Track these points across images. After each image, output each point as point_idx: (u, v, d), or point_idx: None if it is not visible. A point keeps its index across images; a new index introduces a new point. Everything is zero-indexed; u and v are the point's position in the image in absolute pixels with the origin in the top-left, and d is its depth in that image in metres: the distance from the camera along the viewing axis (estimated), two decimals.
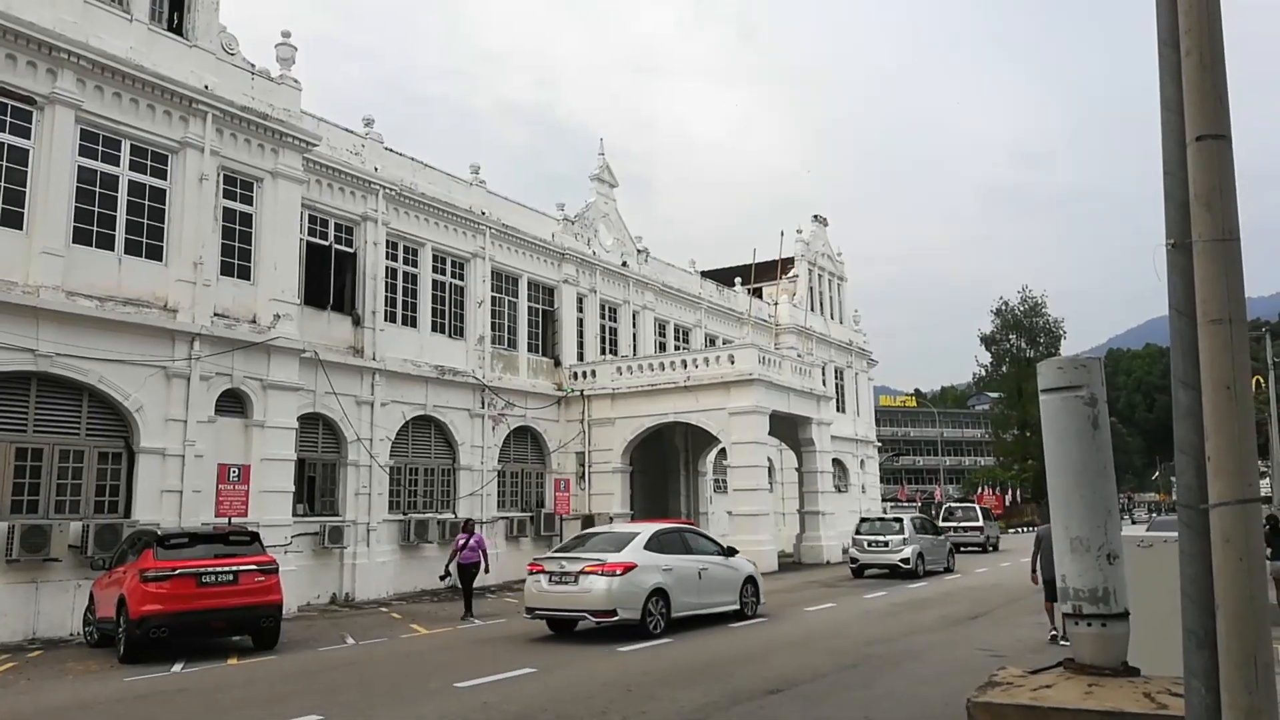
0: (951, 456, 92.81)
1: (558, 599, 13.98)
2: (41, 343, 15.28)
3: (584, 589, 13.66)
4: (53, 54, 15.80)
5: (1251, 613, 2.58)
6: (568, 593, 13.83)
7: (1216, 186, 2.77)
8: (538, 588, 14.25)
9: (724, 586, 15.59)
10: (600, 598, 13.50)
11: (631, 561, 13.83)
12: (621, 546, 14.24)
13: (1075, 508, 4.25)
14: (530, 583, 14.48)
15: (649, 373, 27.83)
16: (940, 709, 8.37)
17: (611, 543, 14.59)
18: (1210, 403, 2.70)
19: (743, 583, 16.01)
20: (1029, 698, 3.85)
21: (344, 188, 22.25)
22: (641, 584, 13.78)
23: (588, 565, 13.83)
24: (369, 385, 22.07)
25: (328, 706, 9.04)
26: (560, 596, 13.93)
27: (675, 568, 14.55)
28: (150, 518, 16.10)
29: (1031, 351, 60.69)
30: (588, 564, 13.86)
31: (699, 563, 15.22)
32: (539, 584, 14.24)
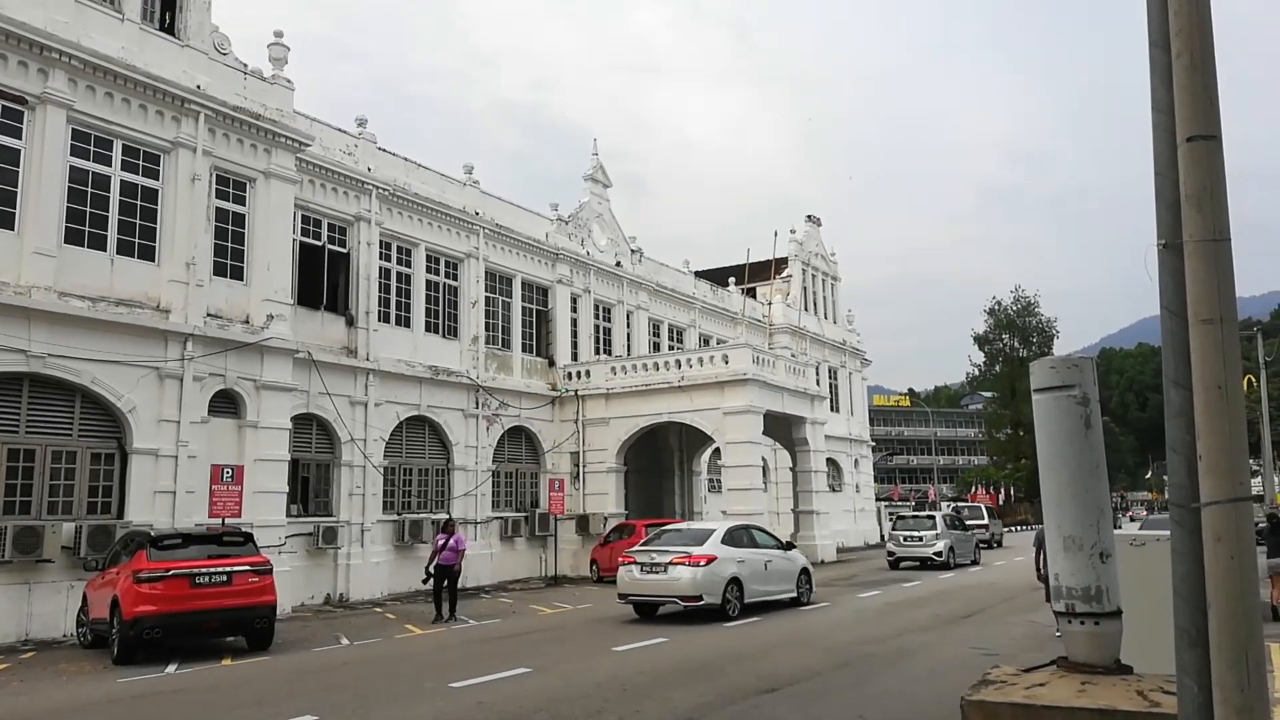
0: (945, 456, 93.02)
1: (649, 586, 15.85)
2: (33, 343, 15.23)
3: (673, 578, 15.58)
4: (44, 54, 15.74)
5: (1243, 611, 2.60)
6: (658, 580, 15.71)
7: (1207, 187, 2.78)
8: (630, 576, 16.11)
9: (785, 576, 17.50)
10: (688, 585, 15.44)
11: (713, 554, 15.77)
12: (702, 541, 16.21)
13: (1068, 507, 4.27)
14: (623, 572, 16.34)
15: (643, 373, 27.83)
16: (934, 707, 8.39)
17: (692, 538, 16.58)
18: (1202, 402, 2.72)
19: (799, 573, 17.87)
20: (1022, 696, 3.87)
21: (337, 188, 22.21)
22: (721, 574, 15.72)
23: (675, 557, 15.73)
24: (363, 386, 22.04)
25: (322, 707, 9.03)
26: (652, 584, 15.80)
27: (746, 559, 16.46)
28: (143, 519, 16.05)
29: (1024, 351, 60.88)
30: (675, 555, 15.75)
31: (764, 555, 17.16)
32: (631, 573, 16.10)
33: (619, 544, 24.48)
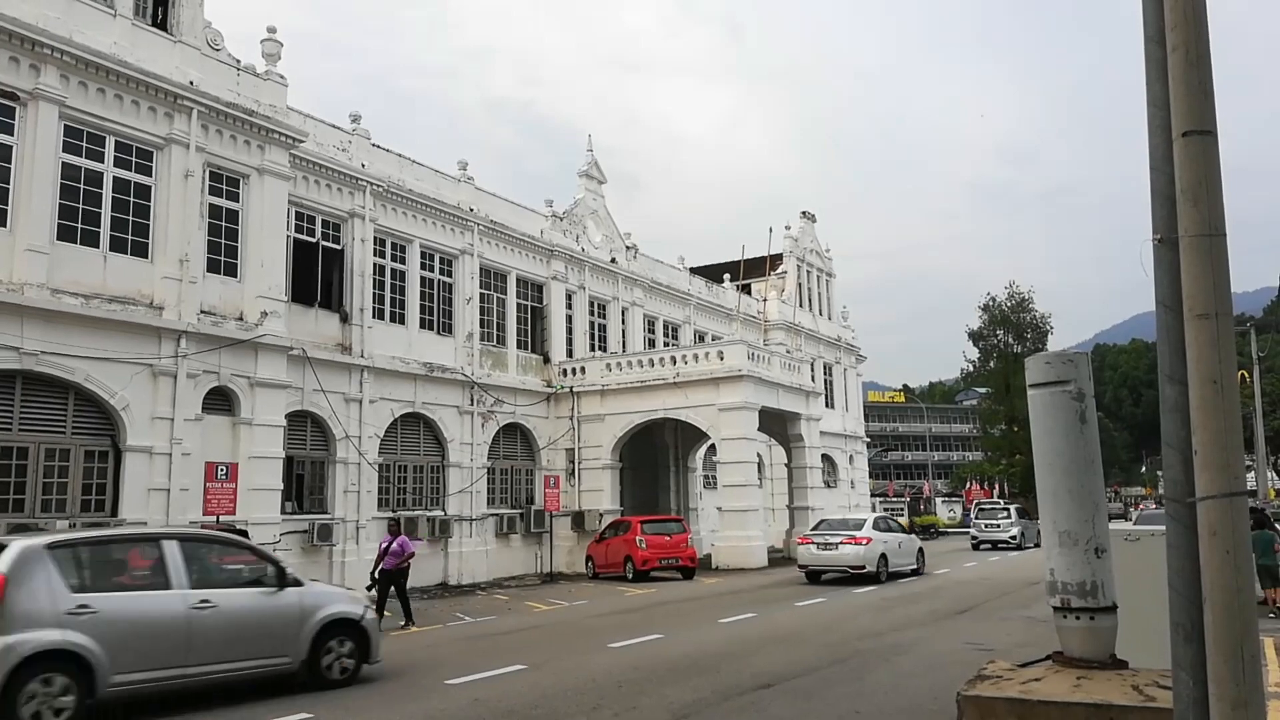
0: (940, 451, 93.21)
1: (825, 559, 21.77)
2: (26, 341, 15.16)
3: (843, 553, 21.51)
4: (36, 49, 15.66)
5: (1238, 605, 2.60)
6: (831, 555, 21.67)
7: (1203, 182, 2.78)
8: (810, 553, 22.01)
9: (909, 553, 23.56)
10: (854, 558, 21.40)
11: (870, 536, 21.77)
12: (860, 528, 22.23)
13: (1063, 502, 4.28)
14: (803, 549, 22.37)
15: (638, 369, 27.83)
16: (930, 702, 8.41)
17: (853, 525, 22.60)
18: (1197, 397, 2.72)
19: (917, 551, 24.11)
20: (1018, 690, 3.87)
21: (331, 184, 22.16)
22: (875, 550, 21.65)
23: (844, 538, 21.62)
24: (357, 382, 22.00)
25: (316, 704, 9.02)
26: (826, 558, 21.73)
27: (888, 540, 22.49)
28: (137, 516, 16.01)
29: (1019, 347, 60.90)
30: (844, 537, 21.65)
31: (898, 538, 23.44)
32: (811, 550, 22.05)
33: (614, 540, 24.50)
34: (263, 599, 9.71)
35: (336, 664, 10.08)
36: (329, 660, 10.02)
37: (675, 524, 25.27)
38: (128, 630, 8.53)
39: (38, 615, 8.09)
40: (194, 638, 8.96)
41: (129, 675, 8.47)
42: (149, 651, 8.64)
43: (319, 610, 10.02)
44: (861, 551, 21.38)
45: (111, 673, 8.31)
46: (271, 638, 9.63)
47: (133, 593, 8.92)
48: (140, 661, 8.57)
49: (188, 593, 9.04)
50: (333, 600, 10.40)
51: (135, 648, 8.55)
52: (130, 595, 8.88)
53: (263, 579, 9.87)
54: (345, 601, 10.55)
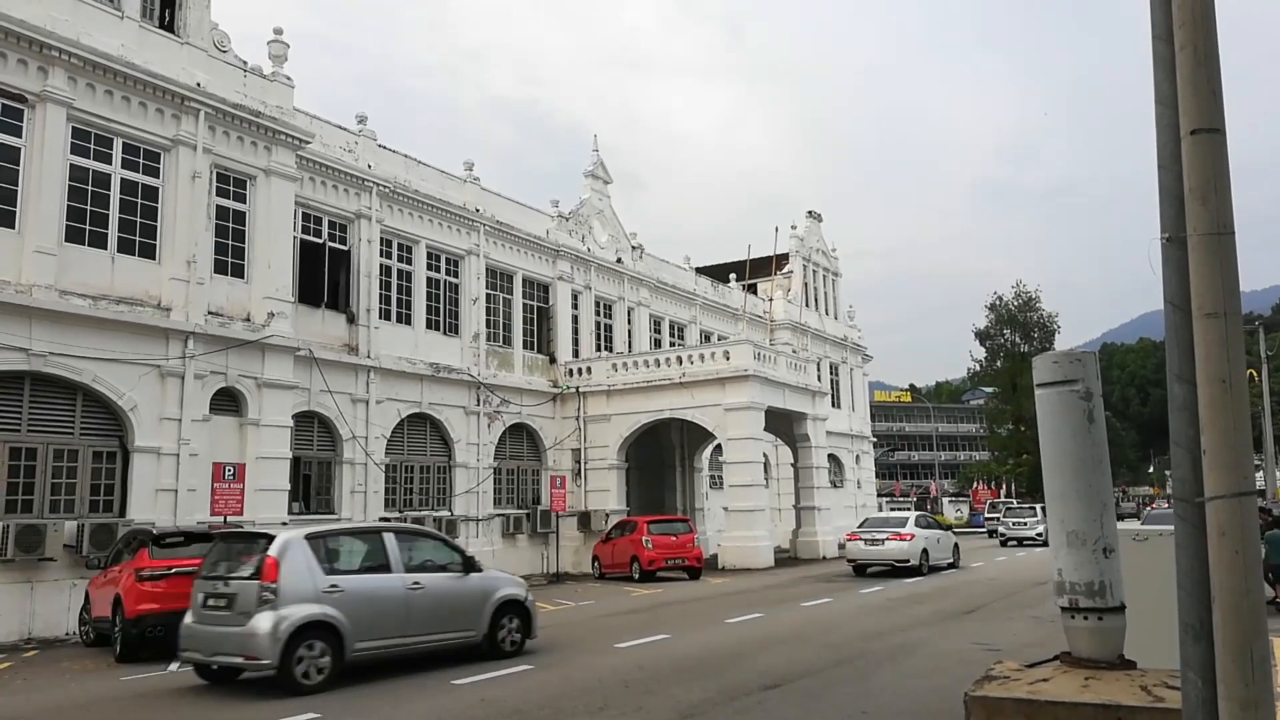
0: (946, 451, 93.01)
1: (871, 554, 23.84)
2: (35, 342, 15.23)
3: (889, 548, 23.59)
4: (44, 52, 15.73)
5: (1247, 605, 2.59)
6: (877, 550, 23.76)
7: (1211, 180, 2.77)
8: (858, 548, 24.05)
9: (947, 548, 25.54)
10: (898, 553, 23.45)
11: (913, 533, 23.90)
12: (903, 525, 24.50)
13: (1071, 502, 4.27)
14: (851, 545, 24.37)
15: (644, 369, 27.83)
16: (937, 703, 8.39)
17: (896, 522, 24.94)
18: (1205, 396, 2.71)
19: (953, 546, 26.08)
20: (1026, 691, 3.86)
21: (338, 185, 22.20)
22: (918, 546, 23.66)
23: (890, 535, 23.81)
24: (364, 383, 22.04)
25: (324, 703, 9.03)
26: (873, 553, 23.81)
27: (928, 536, 24.44)
28: (145, 517, 16.06)
29: (1026, 346, 60.79)
30: (889, 534, 23.84)
31: (937, 534, 25.44)
32: (859, 545, 24.05)
33: (620, 541, 24.51)
34: (455, 582, 11.36)
35: (508, 638, 11.73)
36: (503, 635, 11.66)
37: (681, 524, 25.26)
38: (365, 606, 10.23)
39: (301, 593, 9.77)
40: (410, 613, 10.68)
41: (366, 643, 10.20)
42: (379, 624, 10.36)
43: (495, 592, 11.74)
44: (905, 546, 23.51)
45: (354, 640, 10.04)
46: (463, 614, 11.32)
47: (366, 575, 10.58)
48: (374, 631, 10.28)
49: (404, 576, 10.78)
50: (504, 584, 12.05)
51: (370, 620, 10.24)
52: (365, 577, 10.55)
53: (450, 565, 11.49)
54: (513, 585, 12.17)
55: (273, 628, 9.47)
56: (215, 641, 9.95)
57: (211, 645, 9.99)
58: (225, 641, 9.84)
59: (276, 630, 9.42)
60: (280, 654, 9.38)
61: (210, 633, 9.99)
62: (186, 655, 10.32)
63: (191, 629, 10.17)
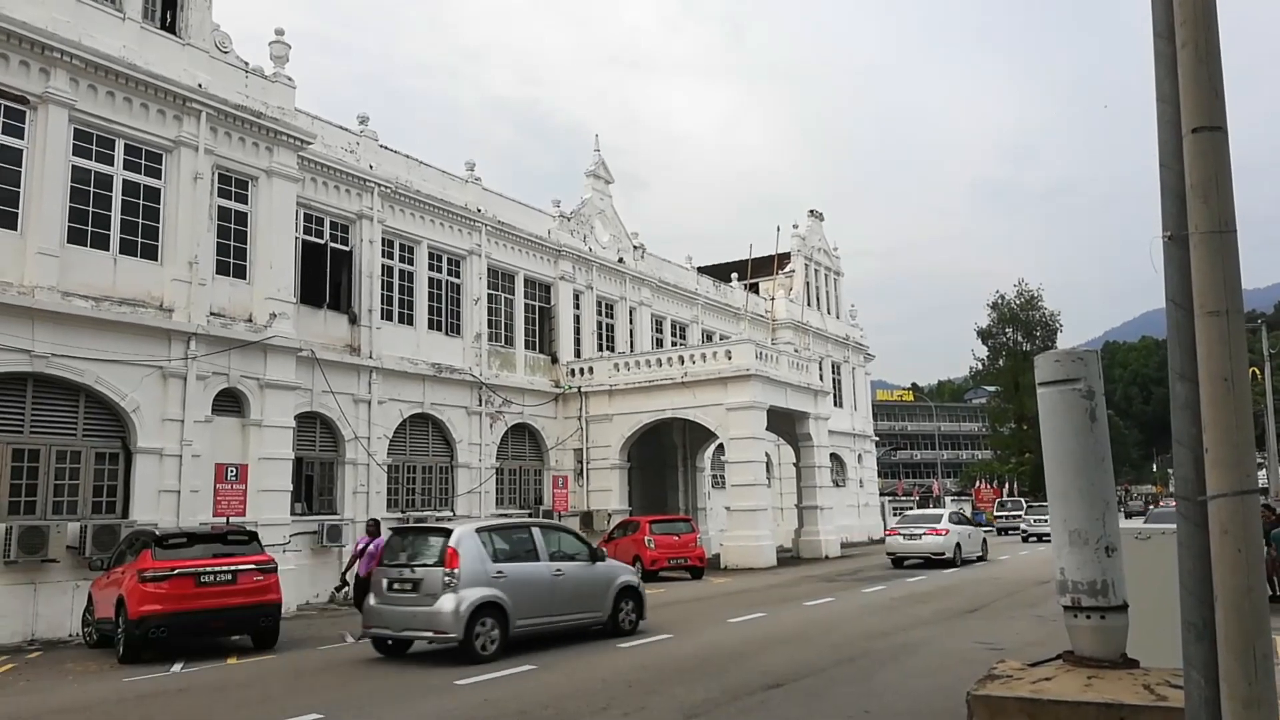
0: (949, 450, 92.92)
1: (909, 548, 26.16)
2: (37, 343, 15.25)
3: (926, 542, 25.94)
4: (45, 53, 15.75)
5: (1250, 604, 2.59)
6: (916, 544, 26.03)
7: (1213, 178, 2.77)
8: (898, 542, 26.50)
9: (978, 543, 28.01)
10: (936, 546, 25.84)
11: (947, 528, 26.27)
12: (939, 521, 26.97)
13: (1073, 501, 4.26)
14: (891, 539, 27.01)
15: (646, 369, 27.82)
16: (940, 702, 8.38)
17: (932, 519, 27.44)
18: (1207, 395, 2.71)
19: (982, 540, 28.82)
20: (1029, 690, 3.86)
21: (339, 186, 22.22)
22: (952, 540, 26.00)
23: (926, 530, 26.17)
24: (366, 383, 22.05)
25: (327, 705, 9.05)
26: (911, 546, 26.12)
27: (961, 531, 26.96)
28: (148, 518, 16.08)
29: (1028, 345, 60.68)
30: (926, 529, 26.22)
31: (967, 529, 27.72)
32: (898, 540, 26.49)
33: (623, 541, 24.49)
34: (585, 570, 13.04)
35: (626, 619, 13.40)
36: (621, 616, 13.35)
37: (684, 524, 25.26)
38: (522, 589, 11.91)
39: (476, 578, 11.45)
40: (554, 596, 12.42)
41: (524, 620, 11.88)
42: (533, 604, 12.06)
43: (616, 579, 13.41)
44: (941, 540, 25.85)
45: (516, 618, 11.71)
46: (592, 598, 13.03)
47: (522, 563, 12.21)
48: (529, 611, 11.98)
49: (549, 564, 12.51)
50: (622, 572, 13.78)
51: (526, 602, 11.93)
52: (521, 565, 12.17)
53: (579, 555, 13.21)
54: (628, 574, 14.00)
55: (456, 607, 11.12)
56: (404, 619, 11.57)
57: (400, 622, 11.62)
58: (414, 619, 11.45)
59: (459, 609, 11.10)
60: (464, 629, 11.07)
61: (398, 612, 11.62)
62: (372, 631, 12.00)
63: (378, 609, 11.86)
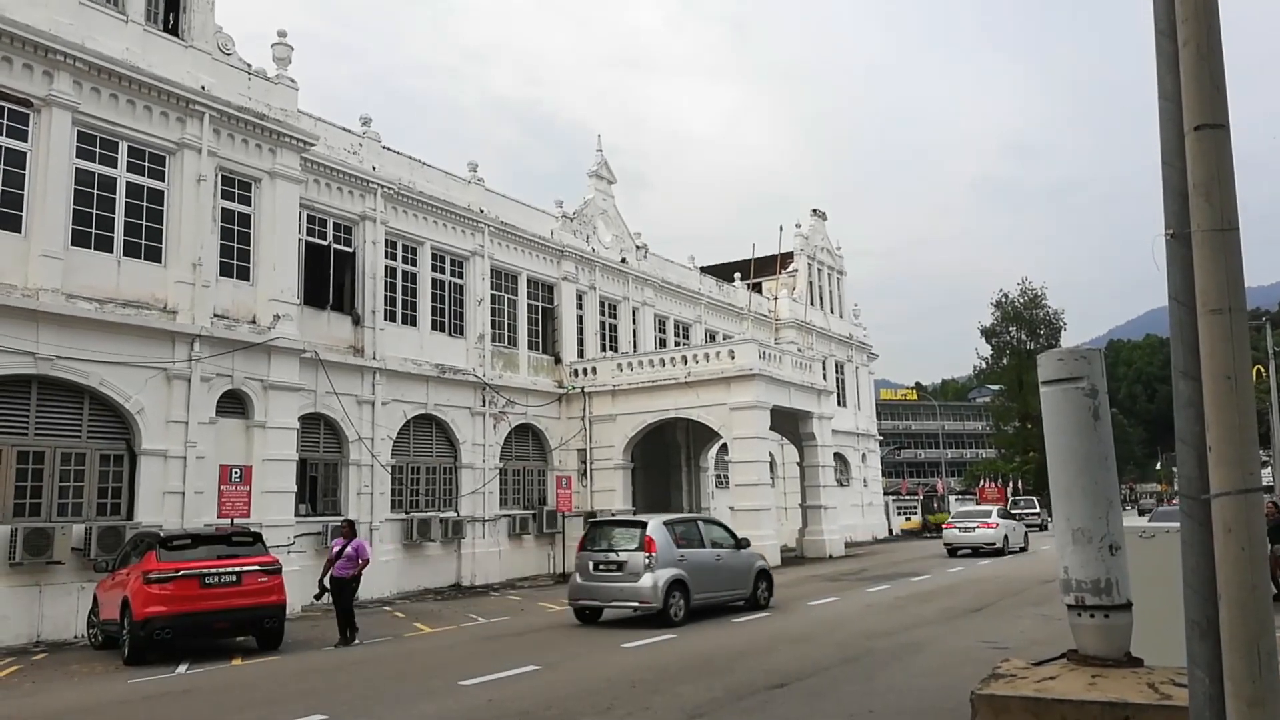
0: (953, 449, 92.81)
1: (965, 539, 29.81)
2: (42, 345, 15.28)
3: (979, 534, 29.64)
4: (48, 56, 15.78)
5: (1253, 602, 2.58)
6: (970, 536, 29.79)
7: (1215, 176, 2.76)
8: (954, 534, 30.22)
9: (1020, 535, 31.45)
10: (987, 538, 29.42)
11: (996, 522, 29.92)
12: (989, 515, 30.68)
13: (1077, 499, 4.25)
14: (948, 532, 30.69)
15: (649, 369, 27.82)
16: (944, 701, 8.37)
17: (982, 514, 31.12)
18: (1211, 393, 2.70)
19: (1024, 534, 32.13)
20: (1033, 689, 3.85)
21: (342, 187, 22.24)
22: (1001, 533, 29.57)
23: (979, 524, 29.87)
24: (370, 384, 22.07)
25: (332, 706, 9.06)
26: (965, 538, 29.86)
27: (1007, 525, 30.48)
28: (152, 519, 16.11)
29: (1032, 344, 60.57)
30: (978, 523, 29.97)
31: (1012, 524, 31.12)
32: (954, 533, 30.26)
33: None
34: (734, 555, 16.20)
35: (761, 595, 16.46)
36: (759, 593, 16.40)
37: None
38: (697, 569, 15.09)
39: (667, 560, 14.67)
40: (717, 576, 15.63)
41: (698, 595, 15.00)
42: (704, 582, 15.20)
43: (754, 564, 16.55)
44: (991, 533, 29.47)
45: (694, 593, 14.86)
46: (739, 578, 16.15)
47: (695, 549, 15.39)
48: (702, 588, 15.14)
49: (712, 550, 15.79)
50: (758, 558, 16.88)
51: (700, 579, 15.09)
52: (694, 550, 15.37)
53: (725, 543, 16.30)
54: (762, 560, 17.10)
55: (655, 583, 14.37)
56: (611, 593, 14.72)
57: (608, 595, 14.77)
58: (620, 593, 14.63)
59: (657, 585, 14.33)
60: (662, 599, 14.30)
61: (605, 587, 14.79)
62: (579, 603, 15.10)
63: (584, 585, 15.00)
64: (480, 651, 12.61)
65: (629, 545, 14.80)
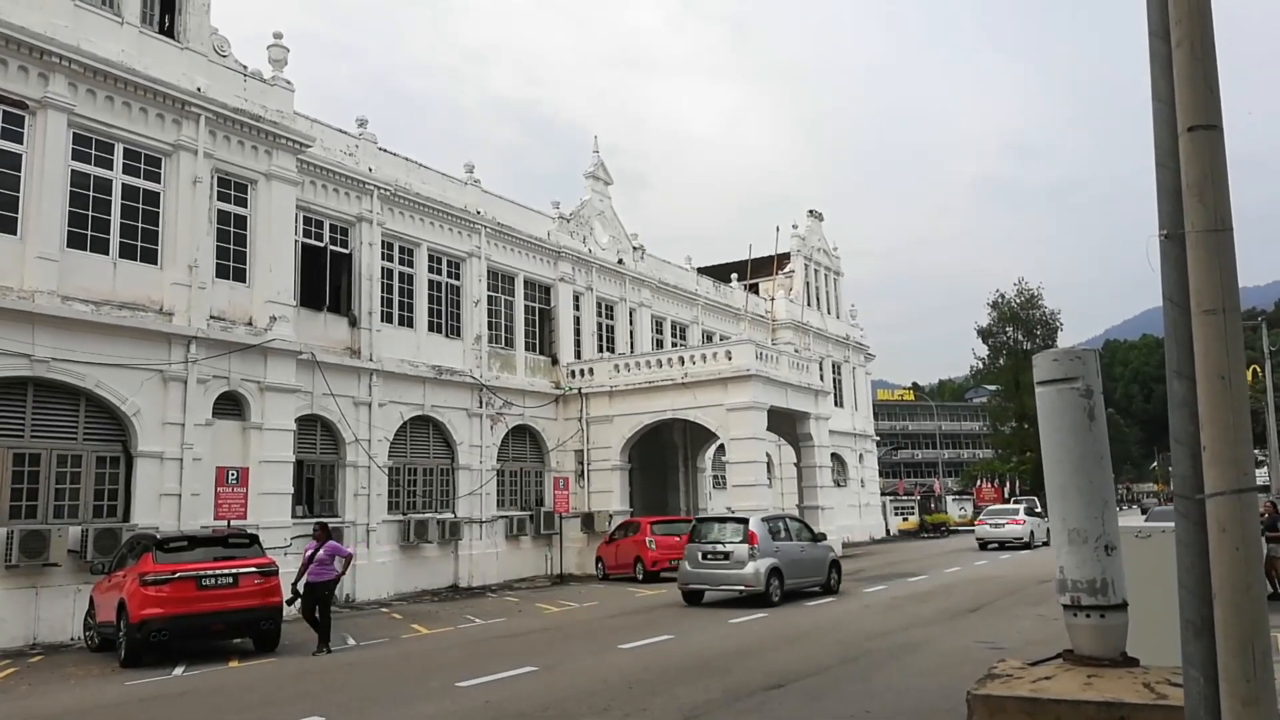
0: (950, 449, 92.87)
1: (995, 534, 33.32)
2: (38, 348, 15.26)
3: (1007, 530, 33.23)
4: (44, 58, 15.76)
5: (1248, 601, 2.59)
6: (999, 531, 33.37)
7: (1208, 177, 2.77)
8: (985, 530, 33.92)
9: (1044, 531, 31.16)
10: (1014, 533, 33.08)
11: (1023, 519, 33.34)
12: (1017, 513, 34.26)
13: (1072, 499, 4.26)
14: (980, 528, 34.54)
15: (646, 370, 27.81)
16: (940, 701, 8.38)
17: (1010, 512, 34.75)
18: (1205, 393, 2.71)
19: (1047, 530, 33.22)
20: (1029, 689, 3.86)
21: (338, 189, 22.22)
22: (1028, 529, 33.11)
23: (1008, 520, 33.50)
24: (366, 386, 22.05)
25: (329, 708, 9.05)
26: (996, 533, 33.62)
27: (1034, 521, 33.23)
28: (149, 521, 16.09)
29: (1029, 344, 60.59)
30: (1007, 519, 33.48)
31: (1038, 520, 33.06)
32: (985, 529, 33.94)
33: (624, 541, 24.50)
34: (813, 547, 19.19)
35: (834, 582, 19.22)
36: (832, 581, 19.18)
37: (685, 524, 25.20)
38: (787, 559, 18.02)
39: (766, 550, 17.58)
40: (801, 564, 18.47)
41: (789, 580, 17.85)
42: (792, 569, 18.07)
43: (829, 555, 19.63)
44: (1019, 529, 32.90)
45: (786, 578, 17.73)
46: (817, 567, 19.02)
47: (784, 542, 18.32)
48: (791, 574, 17.97)
49: (796, 543, 18.69)
50: (830, 551, 20.05)
51: (790, 567, 17.99)
52: (784, 542, 18.30)
53: (806, 537, 19.27)
54: (833, 552, 20.34)
55: (757, 570, 17.24)
56: (719, 579, 17.59)
57: (716, 580, 17.64)
58: (728, 578, 17.46)
59: (759, 571, 17.21)
60: (764, 584, 17.17)
61: (713, 573, 17.64)
62: (689, 586, 17.97)
63: (693, 572, 17.90)
64: (478, 653, 12.61)
65: (734, 538, 17.66)
